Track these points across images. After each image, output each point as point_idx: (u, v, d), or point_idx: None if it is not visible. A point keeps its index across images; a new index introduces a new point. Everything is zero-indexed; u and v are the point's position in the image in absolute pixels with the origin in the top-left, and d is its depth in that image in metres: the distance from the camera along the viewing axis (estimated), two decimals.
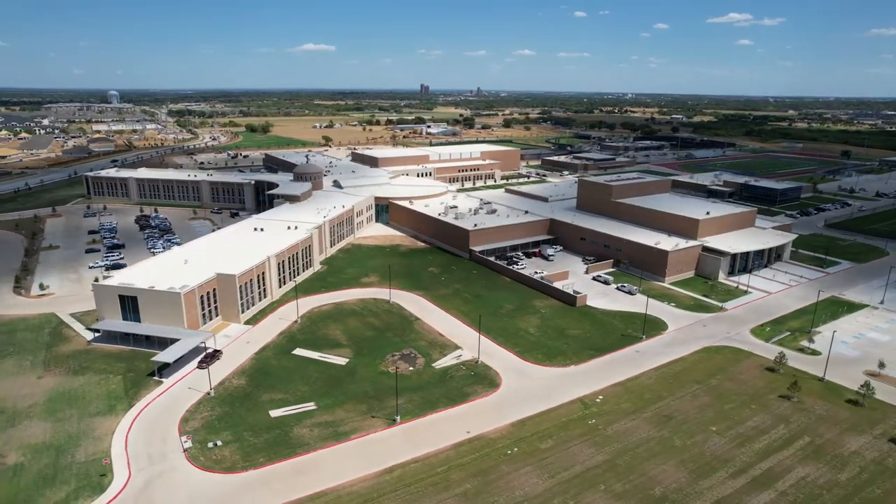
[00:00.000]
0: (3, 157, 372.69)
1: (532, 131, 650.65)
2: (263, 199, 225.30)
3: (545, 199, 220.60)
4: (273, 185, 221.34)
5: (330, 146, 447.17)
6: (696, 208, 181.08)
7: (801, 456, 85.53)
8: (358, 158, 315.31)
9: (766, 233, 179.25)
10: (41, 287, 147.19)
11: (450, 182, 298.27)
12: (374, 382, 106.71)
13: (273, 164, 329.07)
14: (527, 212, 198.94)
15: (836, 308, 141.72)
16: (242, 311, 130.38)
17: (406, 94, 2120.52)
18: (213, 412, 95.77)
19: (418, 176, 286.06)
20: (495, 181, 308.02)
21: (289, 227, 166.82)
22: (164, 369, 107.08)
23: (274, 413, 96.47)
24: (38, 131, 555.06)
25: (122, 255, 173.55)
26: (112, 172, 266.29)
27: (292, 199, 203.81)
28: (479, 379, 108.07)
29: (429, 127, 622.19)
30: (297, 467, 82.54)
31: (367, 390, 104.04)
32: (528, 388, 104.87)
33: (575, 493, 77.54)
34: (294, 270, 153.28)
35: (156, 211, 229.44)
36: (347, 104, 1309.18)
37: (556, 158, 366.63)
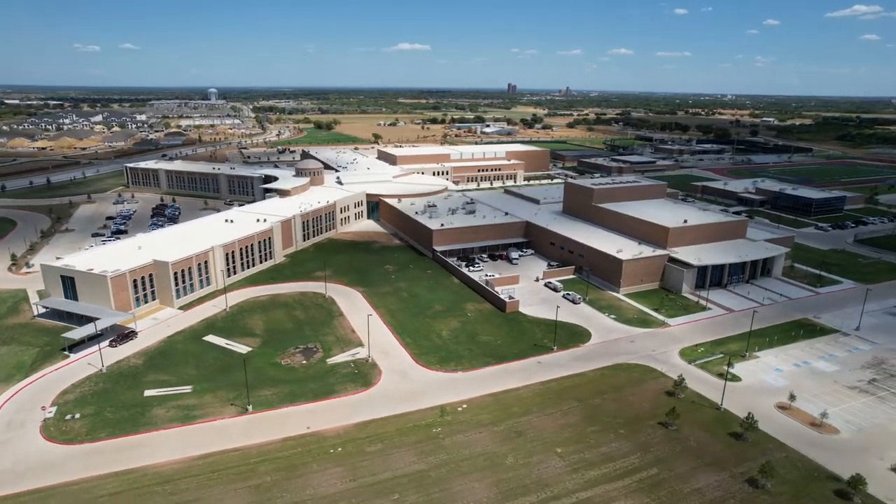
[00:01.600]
0: (84, 149, 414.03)
1: (594, 132, 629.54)
2: None
3: (537, 202, 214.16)
4: (275, 180, 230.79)
5: (378, 143, 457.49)
6: (676, 215, 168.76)
7: (632, 489, 78.47)
8: (382, 156, 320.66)
9: (754, 245, 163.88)
10: (28, 265, 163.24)
11: (468, 181, 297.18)
12: (260, 373, 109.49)
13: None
14: (507, 213, 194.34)
15: (798, 331, 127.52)
16: (178, 297, 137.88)
17: (493, 93, 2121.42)
18: (94, 388, 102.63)
19: (434, 174, 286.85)
20: (514, 182, 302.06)
21: (258, 220, 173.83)
22: (78, 346, 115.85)
23: (148, 393, 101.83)
24: (129, 126, 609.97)
25: (119, 240, 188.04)
26: (150, 164, 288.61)
27: (283, 193, 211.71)
28: (357, 377, 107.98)
29: (487, 126, 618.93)
30: (127, 444, 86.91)
31: (248, 379, 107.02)
32: (399, 391, 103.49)
33: (363, 500, 76.06)
34: (249, 261, 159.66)
35: (174, 200, 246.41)
36: (428, 102, 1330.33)
37: (591, 160, 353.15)
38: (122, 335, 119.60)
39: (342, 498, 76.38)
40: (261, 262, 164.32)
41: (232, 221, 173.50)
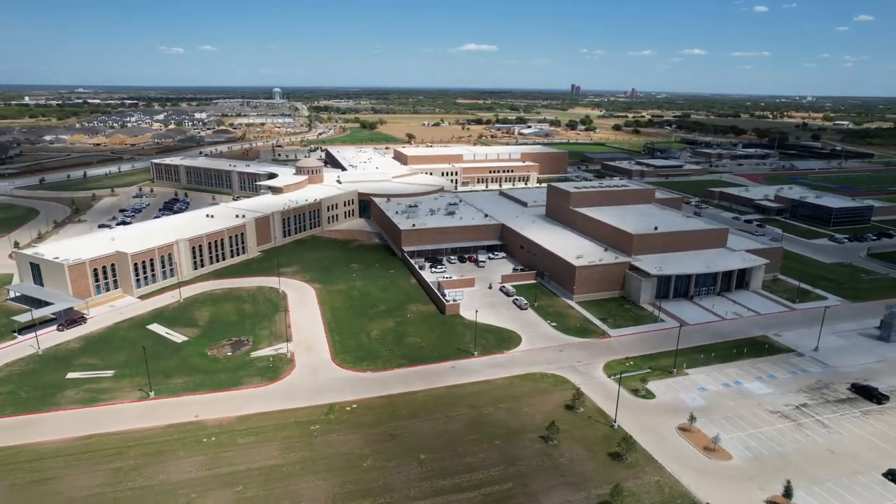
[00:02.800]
0: (133, 145, 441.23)
1: (641, 135, 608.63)
2: None
3: (525, 204, 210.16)
4: (274, 177, 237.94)
5: (411, 143, 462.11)
6: (651, 222, 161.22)
7: (474, 502, 76.17)
8: (396, 156, 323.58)
9: (731, 255, 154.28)
10: None
11: (477, 182, 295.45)
12: (185, 361, 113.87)
13: (327, 160, 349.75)
14: (486, 216, 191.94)
15: (748, 349, 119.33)
16: (138, 287, 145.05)
17: (555, 94, 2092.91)
18: (23, 368, 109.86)
19: (443, 175, 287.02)
20: (525, 183, 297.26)
21: (237, 216, 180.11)
22: (28, 329, 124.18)
23: (70, 375, 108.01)
24: (186, 123, 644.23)
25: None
26: (174, 160, 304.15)
27: (276, 190, 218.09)
28: (268, 371, 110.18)
29: (528, 127, 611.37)
30: (25, 422, 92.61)
31: (169, 367, 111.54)
32: (301, 387, 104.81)
33: (207, 489, 77.79)
34: (219, 255, 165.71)
35: (186, 195, 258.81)
36: (484, 103, 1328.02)
37: (614, 163, 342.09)
38: (70, 320, 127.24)
39: (189, 485, 78.51)
40: (232, 257, 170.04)
41: (212, 216, 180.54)
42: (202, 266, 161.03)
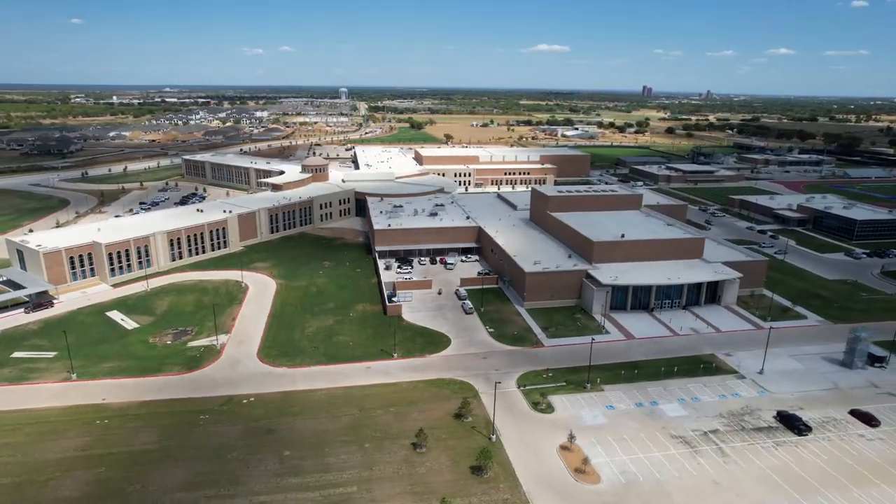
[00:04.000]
0: (184, 142, 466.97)
1: (693, 138, 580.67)
2: None
3: (515, 207, 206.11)
4: (282, 174, 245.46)
5: (447, 143, 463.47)
6: (622, 229, 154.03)
7: (302, 501, 76.13)
8: (416, 157, 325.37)
9: (704, 267, 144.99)
10: None
11: (491, 184, 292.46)
12: (126, 347, 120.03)
13: (354, 159, 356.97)
14: (468, 217, 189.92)
15: (681, 368, 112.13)
16: (112, 275, 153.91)
17: (624, 95, 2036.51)
18: None
19: (455, 176, 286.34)
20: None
21: (224, 211, 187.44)
22: (2, 310, 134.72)
23: (15, 354, 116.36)
24: (244, 121, 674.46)
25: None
26: (204, 157, 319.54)
27: (275, 187, 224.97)
28: (191, 361, 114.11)
29: (576, 129, 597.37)
30: None
31: (109, 352, 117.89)
32: (213, 378, 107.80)
33: (67, 470, 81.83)
34: (199, 248, 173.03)
35: (204, 190, 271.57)
36: (547, 104, 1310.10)
37: (642, 167, 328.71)
38: (37, 304, 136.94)
39: (58, 464, 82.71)
40: (213, 250, 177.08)
41: (202, 211, 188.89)
42: (180, 258, 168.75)
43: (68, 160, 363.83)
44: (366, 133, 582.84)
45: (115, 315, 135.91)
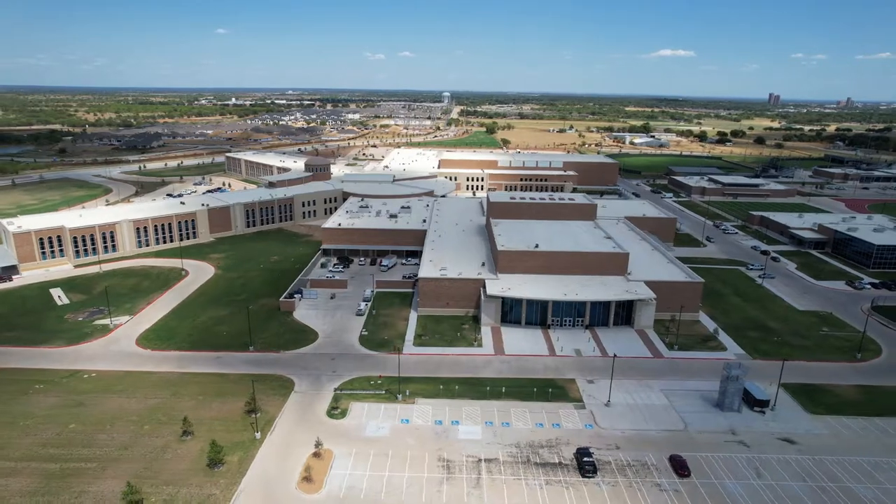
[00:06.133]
0: (257, 140, 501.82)
1: (788, 148, 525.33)
2: None
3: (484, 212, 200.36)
4: (287, 171, 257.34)
5: (503, 148, 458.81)
6: (547, 239, 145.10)
7: (50, 472, 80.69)
8: (440, 159, 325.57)
9: (620, 285, 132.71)
10: None
11: (505, 189, 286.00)
12: (41, 320, 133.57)
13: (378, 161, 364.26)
14: (424, 221, 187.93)
15: (520, 390, 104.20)
16: (77, 257, 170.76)
17: (749, 103, 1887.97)
18: None
19: (467, 180, 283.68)
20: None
21: (202, 204, 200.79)
22: None
23: None
24: (328, 123, 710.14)
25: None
26: (246, 155, 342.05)
27: (270, 184, 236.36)
28: (80, 338, 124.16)
29: (651, 136, 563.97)
30: None
31: (23, 322, 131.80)
32: (83, 354, 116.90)
33: None
34: (166, 237, 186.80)
35: (229, 186, 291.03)
36: (652, 111, 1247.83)
37: (680, 179, 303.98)
38: None
39: None
40: (181, 240, 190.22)
41: (183, 203, 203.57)
42: (147, 245, 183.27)
43: (145, 154, 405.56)
44: (434, 136, 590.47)
45: (56, 292, 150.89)
